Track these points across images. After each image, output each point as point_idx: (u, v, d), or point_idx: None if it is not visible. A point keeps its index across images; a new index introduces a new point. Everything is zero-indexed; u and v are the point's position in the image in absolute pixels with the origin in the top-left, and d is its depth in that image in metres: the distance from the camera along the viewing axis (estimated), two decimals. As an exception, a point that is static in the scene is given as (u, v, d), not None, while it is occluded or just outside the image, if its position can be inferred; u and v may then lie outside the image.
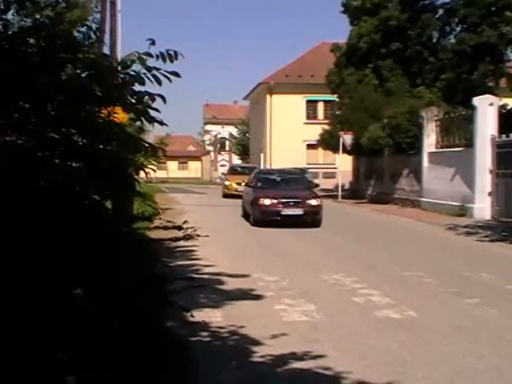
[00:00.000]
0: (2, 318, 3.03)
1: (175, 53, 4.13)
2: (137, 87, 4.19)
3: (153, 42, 4.10)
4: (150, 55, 4.06)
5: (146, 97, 4.14)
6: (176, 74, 4.10)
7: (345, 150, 33.85)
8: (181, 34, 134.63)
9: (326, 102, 49.68)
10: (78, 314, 3.37)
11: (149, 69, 4.06)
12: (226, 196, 35.35)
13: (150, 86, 4.18)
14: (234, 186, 34.71)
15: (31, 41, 3.96)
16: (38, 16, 4.77)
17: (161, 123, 4.32)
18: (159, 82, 4.09)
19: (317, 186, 26.87)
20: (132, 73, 4.11)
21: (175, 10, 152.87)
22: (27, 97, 3.82)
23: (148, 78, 4.09)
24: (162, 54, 4.11)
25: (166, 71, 4.10)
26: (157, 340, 3.85)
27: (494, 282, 10.45)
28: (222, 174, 42.17)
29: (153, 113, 4.23)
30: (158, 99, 4.14)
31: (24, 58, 3.79)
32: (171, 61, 4.10)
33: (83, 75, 4.19)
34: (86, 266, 3.54)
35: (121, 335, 3.48)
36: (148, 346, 3.70)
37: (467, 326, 7.51)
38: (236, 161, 75.82)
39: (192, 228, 4.89)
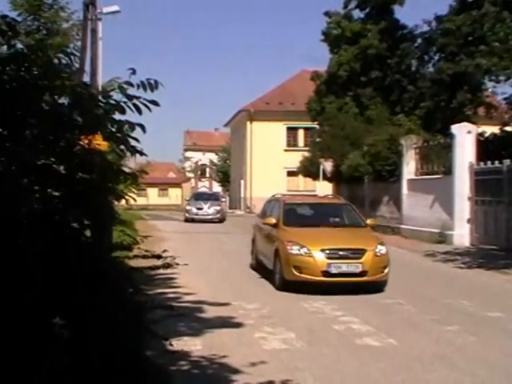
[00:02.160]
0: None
1: (155, 82, 4.15)
2: (117, 116, 4.20)
3: (134, 72, 4.12)
4: (131, 84, 4.08)
5: (126, 125, 4.15)
6: (155, 103, 4.12)
7: (325, 177, 34.00)
8: (161, 59, 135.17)
9: (306, 129, 49.92)
10: (57, 343, 3.33)
11: (129, 97, 4.08)
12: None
13: (131, 115, 4.19)
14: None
15: (10, 68, 3.96)
16: (17, 43, 4.77)
17: (140, 153, 4.32)
18: (139, 111, 4.11)
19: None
20: (112, 101, 4.12)
21: (155, 35, 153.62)
22: (5, 124, 3.81)
23: (128, 106, 4.10)
24: (142, 83, 4.13)
25: (145, 99, 4.12)
26: (136, 369, 3.82)
27: (474, 310, 10.49)
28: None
29: (133, 142, 4.24)
30: (138, 129, 4.15)
31: (2, 85, 3.79)
32: (151, 90, 4.12)
33: (64, 103, 4.19)
34: (65, 295, 3.52)
35: (100, 364, 3.45)
36: (128, 375, 3.67)
37: (447, 354, 7.52)
38: (217, 187, 75.81)
39: (171, 256, 4.88)
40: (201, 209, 38.16)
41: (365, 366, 6.97)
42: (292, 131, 53.90)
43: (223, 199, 46.66)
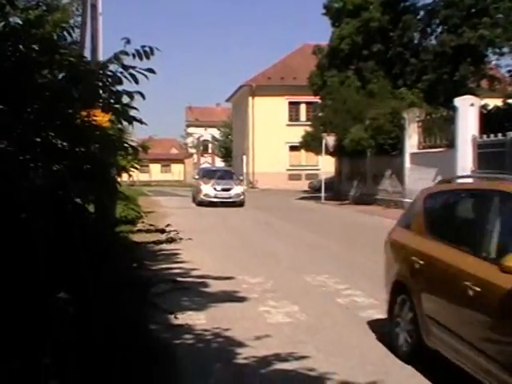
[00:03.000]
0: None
1: (151, 48, 4.11)
2: (114, 87, 4.17)
3: (128, 41, 4.08)
4: (126, 53, 4.04)
5: (124, 95, 4.13)
6: (151, 71, 4.09)
7: (327, 152, 33.92)
8: (163, 36, 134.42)
9: (308, 103, 49.74)
10: (62, 317, 3.35)
11: (125, 67, 4.04)
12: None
13: (130, 86, 4.17)
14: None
15: (9, 44, 3.94)
16: (17, 19, 4.73)
17: (140, 122, 4.30)
18: (136, 80, 4.07)
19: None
20: (109, 73, 4.09)
21: (158, 12, 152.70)
22: (5, 100, 3.79)
23: (125, 77, 4.07)
24: (137, 51, 4.09)
25: (141, 68, 4.09)
26: (140, 343, 3.83)
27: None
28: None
29: (132, 112, 4.22)
30: (139, 101, 4.13)
31: (1, 61, 3.77)
32: (147, 57, 4.08)
33: (62, 78, 4.17)
34: (69, 270, 3.52)
35: (104, 338, 3.46)
36: (132, 349, 3.69)
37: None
38: (219, 163, 75.69)
39: (175, 231, 4.88)
40: (221, 189, 30.45)
41: (368, 338, 7.00)
42: (294, 106, 53.72)
43: (241, 177, 38.75)
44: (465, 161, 21.79)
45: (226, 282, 10.14)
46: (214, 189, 30.34)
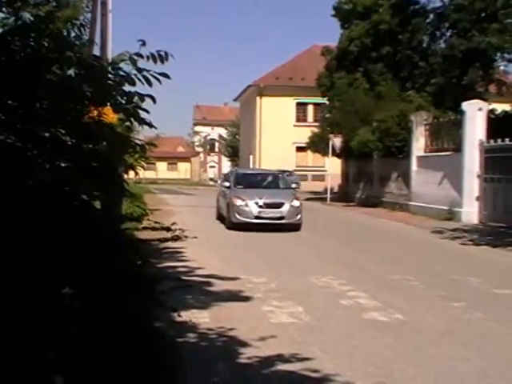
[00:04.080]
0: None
1: (166, 54, 4.13)
2: (127, 87, 4.18)
3: (143, 43, 4.09)
4: (141, 56, 4.06)
5: (136, 97, 4.14)
6: (166, 76, 4.10)
7: (334, 153, 33.93)
8: (172, 34, 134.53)
9: (316, 104, 49.68)
10: (67, 313, 3.36)
11: (139, 70, 4.06)
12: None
13: (140, 87, 4.18)
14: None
15: (19, 39, 3.95)
16: (27, 14, 4.76)
17: (150, 125, 4.31)
18: (149, 83, 4.09)
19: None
20: (122, 73, 4.11)
21: (166, 10, 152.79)
22: (15, 96, 3.81)
23: (138, 78, 4.09)
24: (152, 54, 4.10)
25: (155, 72, 4.10)
26: (145, 339, 3.85)
27: (481, 286, 10.50)
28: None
29: (142, 114, 4.23)
30: (148, 101, 4.14)
31: (12, 56, 3.79)
32: (162, 62, 4.10)
33: (73, 75, 4.18)
34: (74, 266, 3.54)
35: (109, 334, 3.48)
36: (136, 345, 3.70)
37: (453, 329, 7.54)
38: (225, 162, 75.72)
39: (180, 229, 4.90)
40: (271, 205, 19.67)
41: (372, 340, 7.00)
42: (302, 106, 53.68)
43: (296, 183, 27.07)
44: (472, 165, 21.78)
45: (230, 281, 10.16)
46: (258, 205, 19.65)
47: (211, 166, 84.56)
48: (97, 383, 3.36)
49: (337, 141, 32.69)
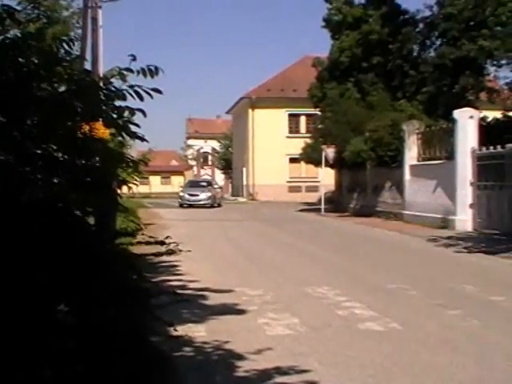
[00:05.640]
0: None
1: (156, 68, 4.13)
2: (117, 102, 4.18)
3: (134, 58, 4.10)
4: (131, 71, 4.06)
5: (127, 112, 4.14)
6: (158, 91, 4.11)
7: (327, 164, 33.98)
8: (163, 46, 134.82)
9: (308, 115, 49.89)
10: (62, 329, 3.35)
11: (131, 86, 4.06)
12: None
13: (132, 101, 4.18)
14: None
15: (9, 55, 3.95)
16: (17, 31, 4.75)
17: (141, 139, 4.31)
18: (141, 98, 4.09)
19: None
20: (113, 88, 4.11)
21: (157, 23, 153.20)
22: (6, 112, 3.80)
23: (130, 93, 4.09)
24: (142, 69, 4.11)
25: (147, 88, 4.10)
26: (141, 353, 3.83)
27: (477, 294, 10.50)
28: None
29: (134, 128, 4.23)
30: (139, 115, 4.14)
31: (1, 73, 3.78)
32: (152, 76, 4.10)
33: (64, 91, 4.18)
34: (69, 282, 3.52)
35: (104, 348, 3.46)
36: (132, 359, 3.68)
37: (451, 338, 7.53)
38: (219, 175, 75.82)
39: (174, 243, 4.88)
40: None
41: (369, 350, 6.98)
42: (294, 118, 53.87)
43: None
44: (464, 172, 21.85)
45: (225, 295, 10.13)
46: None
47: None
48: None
49: (330, 151, 32.74)
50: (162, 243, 4.80)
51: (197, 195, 42.33)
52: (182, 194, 43.65)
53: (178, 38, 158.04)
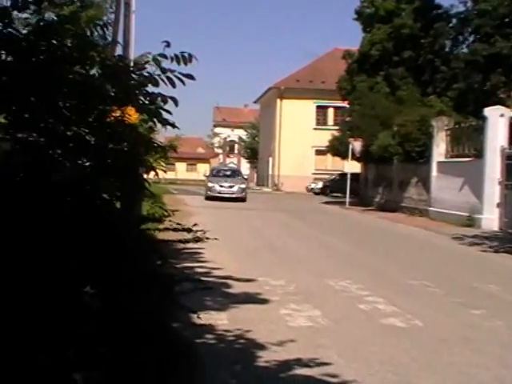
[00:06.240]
0: (11, 315, 3.04)
1: (190, 55, 4.12)
2: (150, 88, 4.18)
3: (168, 44, 4.09)
4: (165, 57, 4.06)
5: (159, 98, 4.14)
6: (190, 77, 4.10)
7: (354, 157, 33.83)
8: (194, 35, 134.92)
9: (336, 108, 49.73)
10: (88, 311, 3.37)
11: (163, 70, 4.06)
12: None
13: (162, 87, 4.18)
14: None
15: (43, 39, 3.97)
16: (52, 15, 4.77)
17: (173, 125, 4.31)
18: (173, 85, 4.08)
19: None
20: (146, 74, 4.11)
21: (188, 11, 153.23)
22: (39, 94, 3.82)
23: (162, 79, 4.09)
24: (176, 56, 4.10)
25: (179, 73, 4.09)
26: (165, 338, 3.85)
27: (501, 294, 10.41)
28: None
29: (165, 114, 4.23)
30: (170, 102, 4.13)
31: (36, 56, 3.80)
32: (185, 63, 4.09)
33: (97, 75, 4.19)
34: (95, 264, 3.54)
35: (129, 332, 3.48)
36: (156, 343, 3.70)
37: (473, 337, 7.47)
38: (244, 164, 75.82)
39: (201, 230, 4.89)
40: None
41: (389, 346, 6.95)
42: (322, 110, 53.70)
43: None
44: (493, 171, 21.64)
45: (248, 284, 10.14)
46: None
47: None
48: (117, 380, 3.36)
49: (357, 145, 32.59)
50: (189, 230, 4.81)
51: (230, 186, 35.38)
52: (210, 184, 36.11)
53: (210, 26, 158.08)
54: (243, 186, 35.94)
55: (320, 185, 48.74)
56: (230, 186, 35.39)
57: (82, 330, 3.18)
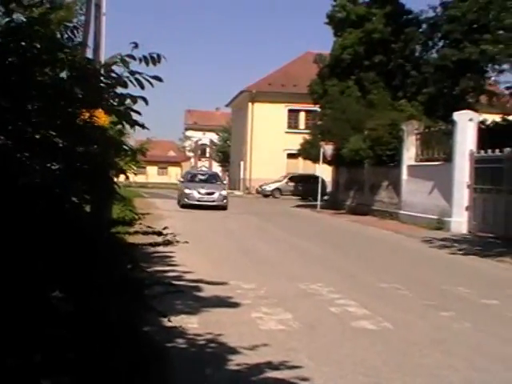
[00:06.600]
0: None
1: (158, 56, 4.11)
2: (118, 90, 4.16)
3: (136, 46, 4.08)
4: (133, 58, 4.04)
5: (128, 99, 4.12)
6: (158, 79, 4.09)
7: (325, 161, 33.95)
8: (164, 38, 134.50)
9: (307, 111, 49.90)
10: (56, 315, 3.33)
11: (132, 72, 4.04)
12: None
13: (132, 89, 4.16)
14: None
15: (11, 41, 3.93)
16: (21, 16, 4.72)
17: (142, 126, 4.30)
18: (142, 86, 4.07)
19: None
20: (114, 75, 4.09)
21: (159, 14, 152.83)
22: (7, 96, 3.78)
23: (131, 81, 4.07)
24: (144, 57, 4.09)
25: (148, 75, 4.08)
26: (136, 342, 3.82)
27: (470, 296, 10.51)
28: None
29: (135, 115, 4.21)
30: (140, 103, 4.12)
31: (4, 58, 3.76)
32: (154, 64, 4.08)
33: (65, 77, 4.16)
34: (64, 268, 3.51)
35: (100, 337, 3.45)
36: (127, 347, 3.67)
37: (443, 339, 7.53)
38: (216, 168, 75.74)
39: (171, 234, 4.87)
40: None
41: (361, 348, 6.98)
42: (293, 113, 53.84)
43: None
44: (462, 175, 21.86)
45: (219, 287, 10.12)
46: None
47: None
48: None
49: (328, 148, 32.71)
50: (160, 233, 4.79)
51: (210, 193, 31.32)
52: (188, 190, 31.64)
53: (180, 29, 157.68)
54: (224, 192, 32.06)
55: (272, 187, 49.06)
56: (210, 193, 31.43)
57: (49, 333, 3.14)
